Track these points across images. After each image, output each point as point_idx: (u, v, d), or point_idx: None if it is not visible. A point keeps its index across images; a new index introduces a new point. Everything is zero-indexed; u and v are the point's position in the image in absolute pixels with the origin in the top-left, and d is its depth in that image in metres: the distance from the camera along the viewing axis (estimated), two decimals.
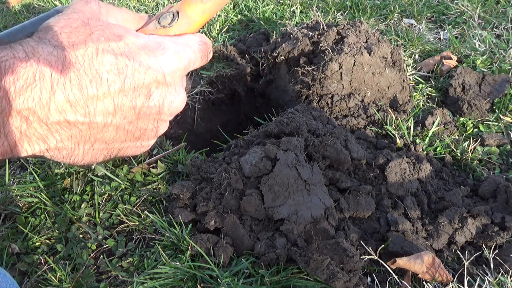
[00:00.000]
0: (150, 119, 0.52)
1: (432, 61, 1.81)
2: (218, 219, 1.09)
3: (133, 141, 0.54)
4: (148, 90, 0.50)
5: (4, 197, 1.25)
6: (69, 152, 0.48)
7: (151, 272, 1.03)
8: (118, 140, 0.51)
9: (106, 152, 0.52)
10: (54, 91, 0.44)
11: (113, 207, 1.24)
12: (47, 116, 0.44)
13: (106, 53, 0.46)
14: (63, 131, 0.46)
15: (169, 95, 0.52)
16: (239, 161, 1.17)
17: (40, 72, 0.43)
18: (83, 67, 0.45)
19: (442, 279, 1.00)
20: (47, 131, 0.45)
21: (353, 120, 1.45)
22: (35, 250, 1.15)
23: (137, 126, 0.52)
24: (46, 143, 0.45)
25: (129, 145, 0.54)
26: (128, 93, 0.48)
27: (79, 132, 0.47)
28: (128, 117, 0.50)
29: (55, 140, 0.46)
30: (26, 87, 0.43)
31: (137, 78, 0.48)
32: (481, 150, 1.40)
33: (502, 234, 1.08)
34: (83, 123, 0.46)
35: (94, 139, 0.49)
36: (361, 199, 1.14)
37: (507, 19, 2.07)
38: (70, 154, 0.49)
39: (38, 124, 0.44)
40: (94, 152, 0.50)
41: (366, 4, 2.24)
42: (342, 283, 0.94)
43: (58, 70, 0.44)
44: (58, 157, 0.48)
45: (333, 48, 1.52)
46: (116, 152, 0.53)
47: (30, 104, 0.43)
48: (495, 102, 1.58)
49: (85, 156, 0.50)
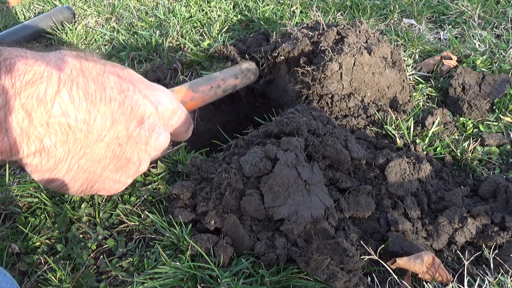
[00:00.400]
0: (137, 148, 0.53)
1: (432, 61, 1.81)
2: (218, 219, 1.09)
3: (114, 171, 0.53)
4: (142, 117, 0.51)
5: (4, 197, 1.25)
6: (55, 163, 0.47)
7: (151, 272, 1.03)
8: (102, 164, 0.51)
9: (86, 177, 0.51)
10: (60, 90, 0.44)
11: (113, 207, 1.24)
12: (49, 114, 0.44)
13: (111, 74, 0.49)
14: (60, 134, 0.45)
15: (158, 128, 0.53)
16: (239, 161, 1.17)
17: (48, 71, 0.44)
18: (91, 76, 0.47)
19: (442, 279, 1.00)
20: (46, 131, 0.45)
21: (353, 120, 1.45)
22: (35, 250, 1.15)
23: (124, 151, 0.52)
24: (42, 144, 0.45)
25: (108, 176, 0.53)
26: (126, 112, 0.49)
27: (74, 139, 0.47)
28: (120, 138, 0.50)
29: (51, 142, 0.45)
30: (33, 83, 0.43)
31: (135, 102, 0.50)
32: (481, 150, 1.40)
33: (502, 234, 1.08)
34: (81, 130, 0.46)
35: (83, 153, 0.48)
36: (361, 199, 1.14)
37: (507, 19, 2.07)
38: (55, 166, 0.48)
39: (39, 122, 0.44)
40: (76, 171, 0.50)
41: (366, 4, 2.24)
42: (342, 283, 0.94)
43: (67, 74, 0.45)
44: (42, 166, 0.47)
45: (333, 48, 1.52)
46: (94, 182, 0.53)
47: (34, 99, 0.43)
48: (495, 102, 1.58)
49: (66, 174, 0.49)
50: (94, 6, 2.53)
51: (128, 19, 2.34)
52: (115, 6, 2.47)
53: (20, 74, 0.42)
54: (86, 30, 2.26)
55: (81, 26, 2.29)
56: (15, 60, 0.43)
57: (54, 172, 0.48)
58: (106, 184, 0.54)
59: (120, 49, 2.09)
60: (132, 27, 2.26)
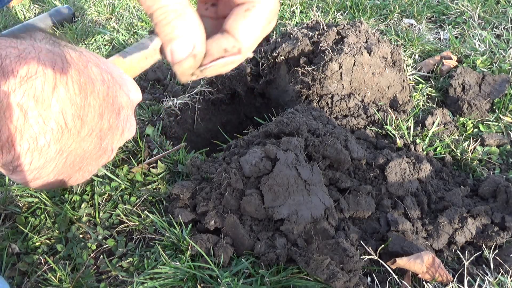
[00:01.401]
0: (114, 139, 0.51)
1: (432, 61, 1.81)
2: (218, 219, 1.09)
3: (91, 163, 0.52)
4: (119, 108, 0.50)
5: (4, 197, 1.25)
6: (45, 162, 0.45)
7: (151, 272, 1.03)
8: (83, 158, 0.49)
9: (67, 172, 0.49)
10: (56, 86, 0.42)
11: (113, 207, 1.24)
12: (47, 112, 0.41)
13: (92, 63, 0.47)
14: (56, 132, 0.43)
15: (130, 118, 0.52)
16: (239, 161, 1.17)
17: (42, 65, 0.41)
18: (79, 68, 0.44)
19: (442, 279, 1.00)
20: (42, 129, 0.42)
21: (353, 120, 1.45)
22: (35, 250, 1.15)
23: (102, 143, 0.50)
24: (35, 142, 0.42)
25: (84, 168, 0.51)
26: (108, 105, 0.48)
27: (68, 136, 0.44)
28: (102, 131, 0.48)
29: (45, 140, 0.43)
30: (28, 78, 0.40)
31: (114, 93, 0.48)
32: (481, 150, 1.40)
33: (502, 234, 1.08)
34: (75, 126, 0.44)
35: (71, 149, 0.46)
36: (361, 199, 1.14)
37: (507, 19, 2.07)
38: (44, 165, 0.45)
39: (35, 121, 0.41)
40: (60, 168, 0.48)
41: (366, 4, 2.24)
42: (342, 283, 0.94)
43: (60, 67, 0.42)
44: (31, 165, 0.44)
45: (333, 48, 1.52)
46: (72, 176, 0.51)
47: (31, 97, 0.40)
48: (495, 102, 1.58)
49: (51, 172, 0.47)
50: (94, 6, 2.53)
51: (128, 19, 2.34)
52: (115, 6, 2.47)
53: (13, 68, 0.39)
54: (86, 30, 2.26)
55: (81, 26, 2.29)
56: (6, 52, 0.40)
57: (40, 171, 0.45)
58: (80, 176, 0.52)
59: (120, 49, 2.09)
60: (132, 27, 2.26)
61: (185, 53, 0.49)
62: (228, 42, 0.51)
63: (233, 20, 0.52)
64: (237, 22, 0.52)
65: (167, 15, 0.47)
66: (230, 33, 0.52)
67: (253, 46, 0.54)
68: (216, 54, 0.51)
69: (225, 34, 0.52)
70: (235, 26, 0.52)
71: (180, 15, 0.47)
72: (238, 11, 0.52)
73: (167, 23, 0.47)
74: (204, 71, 0.52)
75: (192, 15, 0.48)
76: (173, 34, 0.48)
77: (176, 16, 0.47)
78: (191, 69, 0.51)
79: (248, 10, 0.52)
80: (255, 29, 0.52)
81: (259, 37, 0.54)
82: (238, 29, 0.51)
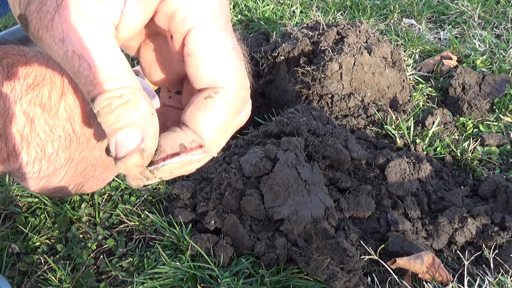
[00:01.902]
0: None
1: (432, 61, 1.81)
2: (218, 219, 1.09)
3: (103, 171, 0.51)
4: None
5: (4, 197, 1.25)
6: (54, 170, 0.44)
7: (151, 272, 1.03)
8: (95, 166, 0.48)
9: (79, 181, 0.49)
10: (64, 93, 0.41)
11: (113, 207, 1.24)
12: (54, 120, 0.41)
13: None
14: (64, 140, 0.42)
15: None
16: (239, 161, 1.17)
17: (50, 72, 0.41)
18: None
19: (442, 279, 1.00)
20: (49, 137, 0.41)
21: (353, 120, 1.45)
22: (35, 250, 1.15)
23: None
24: (43, 150, 0.42)
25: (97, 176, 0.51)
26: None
27: (77, 144, 0.44)
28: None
29: (53, 149, 0.42)
30: (35, 86, 0.39)
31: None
32: (481, 150, 1.40)
33: (502, 234, 1.08)
34: (85, 134, 0.44)
35: (82, 158, 0.46)
36: (361, 199, 1.14)
37: (507, 19, 2.07)
38: (53, 173, 0.44)
39: (42, 129, 0.41)
40: (71, 176, 0.47)
41: (366, 4, 2.24)
42: (342, 283, 0.94)
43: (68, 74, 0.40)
44: (40, 173, 0.44)
45: (333, 48, 1.53)
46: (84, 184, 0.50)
47: (37, 105, 0.39)
48: (495, 102, 1.58)
49: (62, 180, 0.46)
50: None
51: None
52: None
53: (20, 76, 0.39)
54: None
55: None
56: (13, 60, 0.39)
57: (50, 178, 0.45)
58: (93, 184, 0.52)
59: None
60: None
61: (130, 146, 0.39)
62: (186, 136, 0.41)
63: (192, 110, 0.42)
64: (196, 112, 0.42)
65: (111, 102, 0.38)
66: (188, 125, 0.42)
67: (218, 141, 0.44)
68: (170, 150, 0.41)
69: (183, 127, 0.42)
70: (193, 116, 0.41)
71: (126, 102, 0.38)
72: (198, 99, 0.42)
73: (111, 111, 0.38)
74: (156, 171, 0.42)
75: (143, 103, 0.39)
76: (118, 124, 0.38)
77: (121, 103, 0.38)
78: (138, 167, 0.41)
79: (209, 97, 0.41)
80: (218, 120, 0.42)
81: (224, 130, 0.43)
82: (197, 119, 0.41)
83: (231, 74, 0.42)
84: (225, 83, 0.41)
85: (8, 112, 0.39)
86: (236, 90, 0.42)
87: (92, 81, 0.36)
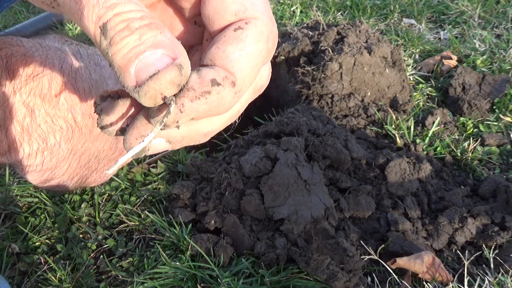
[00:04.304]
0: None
1: (432, 61, 1.81)
2: (218, 219, 1.09)
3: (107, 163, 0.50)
4: None
5: (4, 197, 1.25)
6: (57, 162, 0.43)
7: (151, 272, 1.03)
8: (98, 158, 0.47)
9: (82, 173, 0.48)
10: (64, 83, 0.40)
11: (113, 207, 1.24)
12: (54, 111, 0.40)
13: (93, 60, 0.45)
14: (65, 131, 0.42)
15: None
16: (239, 161, 1.17)
17: (50, 63, 0.40)
18: (92, 66, 0.43)
19: (442, 279, 1.00)
20: (50, 128, 0.41)
21: (353, 120, 1.45)
22: (35, 250, 1.15)
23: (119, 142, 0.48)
24: (45, 142, 0.41)
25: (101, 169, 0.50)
26: None
27: (79, 135, 0.43)
28: None
29: (55, 140, 0.42)
30: (34, 77, 0.38)
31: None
32: (481, 150, 1.40)
33: (502, 234, 1.08)
34: (87, 125, 0.43)
35: (85, 149, 0.45)
36: (361, 199, 1.13)
37: (507, 19, 2.07)
38: (56, 165, 0.43)
39: (43, 119, 0.40)
40: (75, 168, 0.46)
41: (366, 4, 2.24)
42: (342, 283, 0.94)
43: (69, 64, 0.41)
44: (43, 165, 0.42)
45: (333, 48, 1.53)
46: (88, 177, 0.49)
47: (37, 95, 0.38)
48: (495, 102, 1.58)
49: (65, 172, 0.45)
50: None
51: None
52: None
53: (19, 66, 0.38)
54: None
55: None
56: (12, 50, 0.38)
57: (54, 171, 0.44)
58: (98, 177, 0.51)
59: None
60: None
61: (163, 62, 0.32)
62: (217, 73, 0.35)
63: (218, 46, 0.35)
64: (225, 47, 0.35)
65: (130, 23, 0.31)
66: (216, 63, 0.35)
67: (249, 81, 0.37)
68: (199, 88, 0.34)
69: (210, 65, 0.35)
70: (221, 52, 0.35)
71: (149, 24, 0.31)
72: (226, 33, 0.35)
73: (130, 33, 0.31)
74: (179, 113, 0.34)
75: (167, 30, 0.33)
76: (140, 47, 0.31)
77: (143, 24, 0.31)
78: (174, 87, 0.33)
79: (239, 29, 0.35)
80: (251, 54, 0.35)
81: (257, 69, 0.37)
82: (226, 54, 0.35)
83: (260, 2, 0.37)
84: (256, 13, 0.36)
85: (8, 103, 0.38)
86: (267, 22, 0.36)
87: (105, 2, 0.30)
